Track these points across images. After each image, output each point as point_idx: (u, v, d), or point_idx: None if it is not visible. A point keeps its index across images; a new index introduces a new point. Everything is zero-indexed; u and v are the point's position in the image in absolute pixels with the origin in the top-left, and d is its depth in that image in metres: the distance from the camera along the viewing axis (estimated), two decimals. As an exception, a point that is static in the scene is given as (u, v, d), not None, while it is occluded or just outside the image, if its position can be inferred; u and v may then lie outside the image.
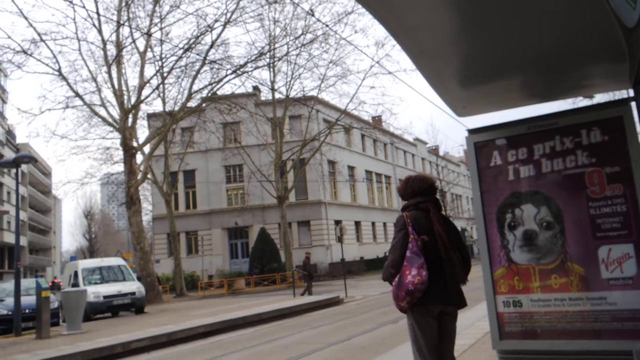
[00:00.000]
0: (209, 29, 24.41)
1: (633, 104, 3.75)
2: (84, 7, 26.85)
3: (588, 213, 3.77)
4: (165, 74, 25.56)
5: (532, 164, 4.02)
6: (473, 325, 8.30)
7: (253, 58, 26.73)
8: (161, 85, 26.50)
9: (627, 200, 3.66)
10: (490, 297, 4.09)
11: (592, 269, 3.73)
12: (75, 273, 18.64)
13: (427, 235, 3.57)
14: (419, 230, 3.58)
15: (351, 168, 42.38)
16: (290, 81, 31.21)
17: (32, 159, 15.66)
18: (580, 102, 14.83)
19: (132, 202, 23.64)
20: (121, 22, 23.53)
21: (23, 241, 53.34)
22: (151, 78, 25.77)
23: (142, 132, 55.04)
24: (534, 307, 3.92)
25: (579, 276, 3.77)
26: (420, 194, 3.76)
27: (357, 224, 42.09)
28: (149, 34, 24.11)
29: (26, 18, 22.10)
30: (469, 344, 6.82)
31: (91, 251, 67.27)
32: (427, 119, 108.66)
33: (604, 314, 3.68)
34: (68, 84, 23.38)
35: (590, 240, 3.75)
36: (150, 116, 33.32)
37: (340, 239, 23.10)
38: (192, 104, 26.94)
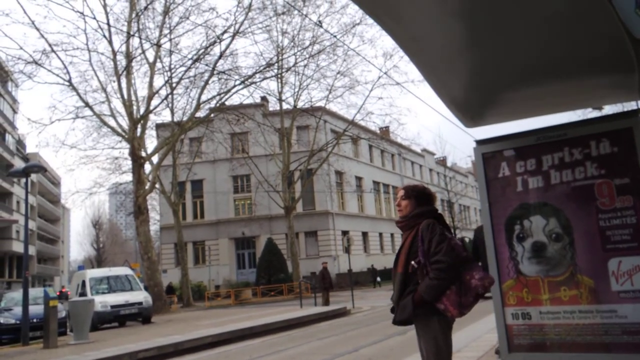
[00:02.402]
0: (218, 40, 24.63)
1: (643, 115, 3.73)
2: (94, 18, 27.09)
3: (597, 225, 3.74)
4: (174, 85, 25.75)
5: (540, 175, 3.99)
6: (481, 337, 8.22)
7: (261, 69, 26.95)
8: (170, 96, 26.69)
9: (637, 212, 3.63)
10: (499, 309, 4.05)
11: (602, 282, 3.69)
12: (83, 282, 18.67)
13: None
14: None
15: (359, 179, 42.35)
16: (297, 92, 31.39)
17: (41, 169, 15.76)
18: (589, 113, 14.79)
19: (140, 212, 23.73)
20: (131, 33, 23.78)
21: (32, 250, 53.58)
22: (160, 88, 25.98)
23: (151, 142, 55.40)
24: (543, 319, 3.88)
25: (589, 288, 3.74)
26: (432, 204, 3.65)
27: (365, 234, 41.99)
28: (158, 45, 24.33)
29: (38, 29, 22.34)
30: (476, 356, 6.75)
31: (99, 261, 67.48)
32: (435, 130, 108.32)
33: (614, 327, 3.63)
34: (78, 94, 23.57)
35: (600, 253, 3.72)
36: (159, 126, 33.54)
37: (347, 250, 23.05)
38: (201, 114, 27.11)
